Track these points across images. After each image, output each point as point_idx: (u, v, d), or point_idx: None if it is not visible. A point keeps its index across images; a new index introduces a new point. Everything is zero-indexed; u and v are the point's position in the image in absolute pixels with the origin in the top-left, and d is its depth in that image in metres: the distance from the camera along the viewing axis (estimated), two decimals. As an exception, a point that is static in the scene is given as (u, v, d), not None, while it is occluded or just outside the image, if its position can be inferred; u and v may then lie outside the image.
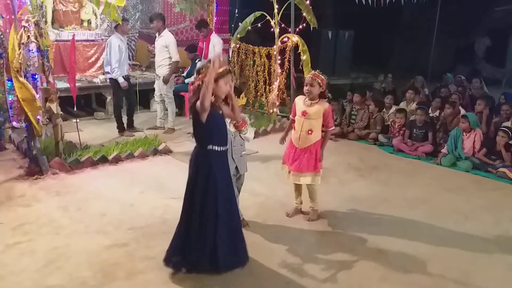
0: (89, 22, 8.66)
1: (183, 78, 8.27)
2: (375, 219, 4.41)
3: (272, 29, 7.45)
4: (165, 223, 4.00)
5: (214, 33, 7.53)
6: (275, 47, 7.56)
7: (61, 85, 6.81)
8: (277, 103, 7.75)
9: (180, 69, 8.12)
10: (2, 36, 5.98)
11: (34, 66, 5.28)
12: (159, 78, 6.97)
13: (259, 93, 8.18)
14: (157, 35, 6.95)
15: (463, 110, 7.08)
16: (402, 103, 7.76)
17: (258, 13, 7.50)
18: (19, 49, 4.96)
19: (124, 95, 6.85)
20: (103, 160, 5.58)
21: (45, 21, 7.42)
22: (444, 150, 6.32)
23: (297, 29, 7.62)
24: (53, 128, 5.31)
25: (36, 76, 5.42)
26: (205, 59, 7.24)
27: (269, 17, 7.41)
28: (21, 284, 3.17)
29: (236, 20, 8.37)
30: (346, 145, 7.00)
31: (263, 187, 5.00)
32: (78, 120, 6.24)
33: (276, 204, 4.59)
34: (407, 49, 14.21)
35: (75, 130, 5.86)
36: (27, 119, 5.16)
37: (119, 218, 4.20)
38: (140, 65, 8.89)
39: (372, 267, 3.54)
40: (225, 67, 3.10)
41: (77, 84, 6.55)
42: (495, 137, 6.16)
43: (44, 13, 6.22)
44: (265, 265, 3.48)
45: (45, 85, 5.29)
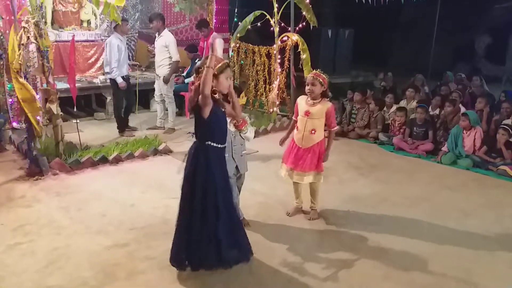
0: (88, 22, 8.65)
1: (183, 78, 8.26)
2: (375, 217, 4.41)
3: (271, 28, 7.45)
4: (166, 223, 4.00)
5: (214, 32, 7.53)
6: (275, 46, 7.55)
7: (61, 85, 6.81)
8: (277, 102, 7.74)
9: (180, 69, 8.11)
10: (2, 37, 5.99)
11: (34, 67, 5.29)
12: (159, 78, 6.96)
13: (259, 93, 8.18)
14: (156, 35, 6.94)
15: (463, 108, 7.07)
16: (402, 102, 7.75)
17: (257, 12, 7.49)
18: (19, 50, 4.97)
19: (124, 95, 6.85)
20: (104, 160, 5.58)
21: (45, 22, 7.41)
22: (444, 148, 6.31)
23: (297, 28, 7.61)
24: (53, 128, 5.31)
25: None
26: (205, 59, 7.23)
27: (268, 16, 7.40)
28: (21, 284, 3.18)
29: (235, 19, 8.36)
30: (346, 144, 6.99)
31: (264, 187, 4.99)
32: (78, 120, 6.25)
33: (276, 203, 4.59)
34: (407, 47, 14.21)
35: (75, 130, 5.86)
36: (27, 120, 5.17)
37: (120, 218, 4.20)
38: (139, 65, 8.89)
39: (373, 265, 3.54)
40: (224, 62, 3.10)
41: (77, 84, 6.55)
42: (495, 135, 6.15)
43: (43, 14, 6.23)
44: (266, 264, 3.48)
45: (45, 85, 5.29)
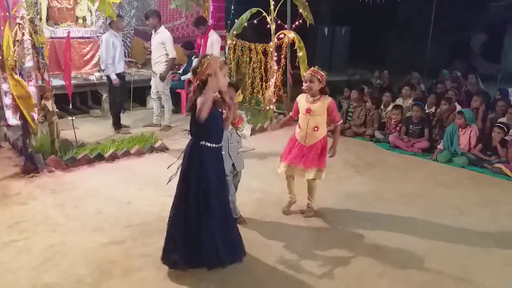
0: (84, 19, 8.59)
1: (179, 75, 8.24)
2: (372, 215, 4.42)
3: (268, 26, 7.43)
4: (162, 221, 3.96)
5: (212, 30, 7.50)
6: (271, 43, 7.54)
7: (57, 82, 6.76)
8: (274, 100, 7.74)
9: (176, 66, 8.09)
10: (-4, 33, 5.93)
11: (29, 63, 5.25)
12: (156, 75, 6.94)
13: (255, 90, 8.16)
14: (153, 32, 6.91)
15: (459, 106, 7.10)
16: (398, 100, 7.76)
17: (254, 10, 7.48)
18: (14, 46, 4.93)
19: (119, 92, 6.83)
20: (99, 157, 5.56)
21: (40, 18, 7.36)
22: (440, 146, 6.33)
23: (294, 26, 7.61)
24: (49, 126, 5.28)
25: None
26: (202, 56, 7.20)
27: (265, 14, 7.39)
28: (17, 282, 3.16)
29: (232, 16, 8.34)
30: (342, 142, 6.94)
31: (260, 184, 4.99)
32: (74, 117, 6.21)
33: (273, 200, 4.59)
34: (403, 45, 14.24)
35: (71, 127, 5.83)
36: (22, 117, 5.13)
37: (116, 215, 4.19)
38: (136, 62, 8.85)
39: (369, 263, 3.55)
40: (220, 59, 3.11)
41: (73, 81, 6.52)
42: (491, 133, 6.18)
43: (38, 10, 6.19)
44: (263, 262, 3.49)
45: (40, 82, 5.26)
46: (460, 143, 6.23)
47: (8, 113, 6.16)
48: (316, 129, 4.07)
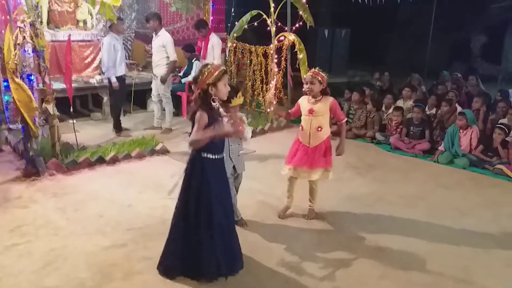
0: (84, 22, 8.61)
1: (180, 77, 8.25)
2: (373, 217, 4.42)
3: (268, 28, 7.44)
4: (164, 224, 3.98)
5: (213, 33, 7.51)
6: (271, 46, 7.55)
7: (57, 85, 6.77)
8: (274, 102, 7.71)
9: (177, 69, 8.10)
10: (-3, 37, 5.95)
11: (30, 66, 5.26)
12: (157, 77, 6.95)
13: (256, 92, 8.17)
14: (154, 34, 6.93)
15: (459, 107, 7.09)
16: (399, 101, 7.77)
17: (254, 12, 7.49)
18: (15, 49, 4.94)
19: (119, 95, 6.84)
20: (100, 161, 5.56)
21: (41, 22, 7.37)
22: (441, 147, 6.33)
23: (294, 28, 7.61)
24: (50, 129, 5.28)
25: (31, 77, 5.39)
26: (203, 59, 7.21)
27: (265, 16, 7.40)
28: (19, 285, 3.16)
29: (232, 19, 8.36)
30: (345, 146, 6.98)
31: (261, 186, 4.99)
32: (74, 121, 6.22)
33: (274, 203, 4.59)
34: (403, 47, 14.26)
35: (72, 131, 5.83)
36: (24, 120, 5.13)
37: (117, 219, 4.19)
38: (137, 64, 8.87)
39: (370, 265, 3.55)
40: (221, 69, 3.10)
41: (73, 84, 6.52)
42: (491, 134, 6.17)
43: (39, 14, 6.19)
44: (264, 264, 3.48)
45: (41, 86, 5.26)
46: (461, 144, 6.22)
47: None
48: (319, 129, 4.08)
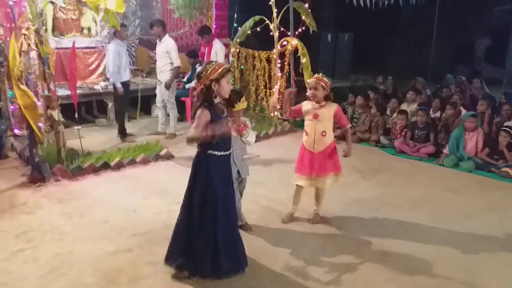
0: (89, 29, 8.67)
1: (183, 83, 8.28)
2: (378, 221, 4.40)
3: (271, 33, 7.46)
4: (169, 229, 3.96)
5: (216, 39, 7.55)
6: (274, 51, 7.57)
7: (62, 92, 6.82)
8: (278, 107, 7.75)
9: (180, 75, 8.13)
10: (2, 44, 6.00)
11: (35, 73, 5.30)
12: (161, 83, 6.98)
13: (259, 97, 8.18)
14: (158, 41, 6.97)
15: (464, 110, 7.07)
16: (403, 104, 7.75)
17: (257, 18, 7.52)
18: (20, 56, 4.98)
19: (123, 101, 6.88)
20: (105, 166, 5.58)
21: (46, 29, 7.44)
22: (445, 150, 6.31)
23: (297, 33, 7.62)
24: (55, 135, 5.31)
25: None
26: (206, 63, 7.24)
27: (268, 21, 7.42)
28: (25, 291, 3.18)
29: (235, 24, 8.39)
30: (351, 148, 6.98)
31: (266, 191, 4.99)
32: (79, 127, 6.25)
33: (278, 207, 4.58)
34: (406, 51, 14.24)
35: (77, 137, 5.86)
36: (29, 127, 5.17)
37: (122, 224, 4.20)
38: (141, 70, 8.92)
39: (376, 269, 3.53)
40: (224, 67, 3.12)
41: (78, 91, 6.56)
42: (497, 137, 6.15)
43: (44, 21, 6.24)
44: (269, 269, 3.48)
45: (46, 92, 5.30)
46: (466, 147, 6.20)
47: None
48: (324, 133, 4.07)
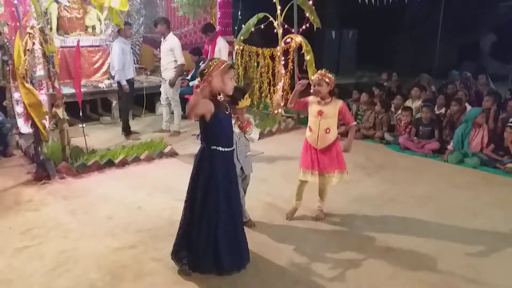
0: (93, 28, 8.71)
1: (187, 81, 8.29)
2: (382, 217, 4.39)
3: (275, 30, 7.45)
4: (173, 225, 3.99)
5: (220, 36, 7.54)
6: (278, 48, 7.56)
7: (67, 90, 6.85)
8: (282, 104, 7.74)
9: (184, 72, 8.15)
10: (7, 43, 6.03)
11: (40, 72, 5.33)
12: (165, 81, 7.00)
13: (263, 94, 8.18)
14: (162, 39, 6.98)
15: (469, 106, 7.03)
16: (408, 101, 7.72)
17: (261, 15, 7.50)
18: (25, 55, 5.01)
19: (128, 99, 6.91)
20: (110, 164, 5.60)
21: (50, 28, 7.47)
22: (450, 147, 6.27)
23: (301, 30, 7.61)
24: (60, 133, 5.34)
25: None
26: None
27: (272, 18, 7.41)
28: (30, 287, 3.19)
29: (239, 22, 8.38)
30: (352, 144, 6.95)
31: (269, 188, 4.99)
32: (84, 125, 6.28)
33: (282, 204, 4.58)
34: (411, 47, 14.16)
35: (82, 135, 5.89)
36: (34, 125, 5.20)
37: (127, 221, 4.21)
38: (145, 69, 8.94)
39: (380, 265, 3.52)
40: (227, 63, 3.12)
41: (83, 89, 6.59)
42: (502, 133, 6.11)
43: (49, 20, 6.27)
44: (273, 265, 3.48)
45: (51, 90, 5.33)
46: (472, 143, 6.16)
47: (20, 122, 6.26)
48: (327, 131, 4.06)
